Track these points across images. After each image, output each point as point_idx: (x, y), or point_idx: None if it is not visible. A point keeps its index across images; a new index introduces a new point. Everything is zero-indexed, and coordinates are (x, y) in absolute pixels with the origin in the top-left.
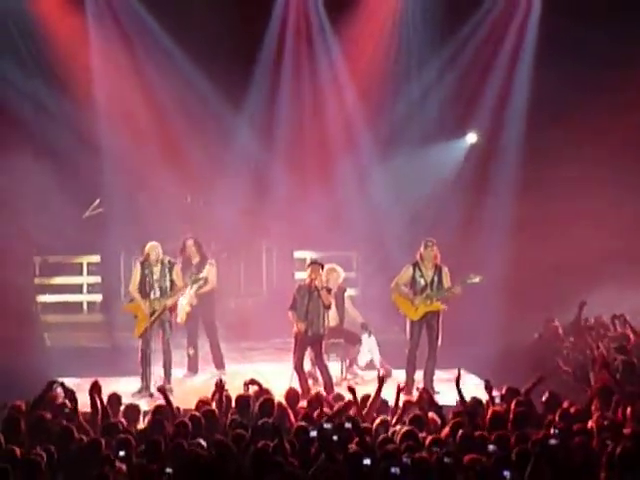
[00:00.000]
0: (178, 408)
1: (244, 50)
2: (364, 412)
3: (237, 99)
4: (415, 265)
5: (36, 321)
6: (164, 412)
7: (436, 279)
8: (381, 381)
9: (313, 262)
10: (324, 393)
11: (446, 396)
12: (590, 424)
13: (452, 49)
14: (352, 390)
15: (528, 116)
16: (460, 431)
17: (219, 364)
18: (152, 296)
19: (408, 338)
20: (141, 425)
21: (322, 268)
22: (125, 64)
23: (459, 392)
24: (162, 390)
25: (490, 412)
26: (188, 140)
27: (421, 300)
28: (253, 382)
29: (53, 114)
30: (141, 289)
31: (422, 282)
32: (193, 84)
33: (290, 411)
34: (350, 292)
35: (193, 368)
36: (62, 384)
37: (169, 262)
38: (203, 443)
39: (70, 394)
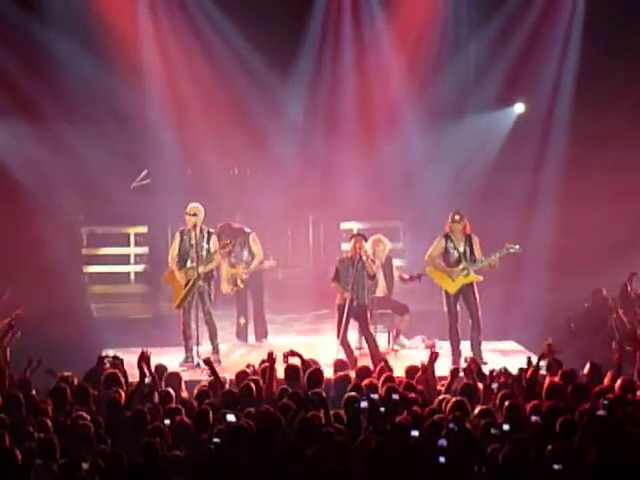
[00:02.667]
0: (225, 378)
1: (291, 21)
2: (413, 383)
3: (283, 70)
4: (447, 236)
5: (83, 292)
6: (212, 383)
7: (468, 249)
8: (433, 355)
9: (356, 234)
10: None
11: (494, 366)
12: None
13: (501, 19)
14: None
15: (577, 86)
16: (507, 402)
17: (261, 334)
18: (188, 265)
19: (446, 311)
20: (185, 394)
21: (365, 239)
22: (172, 37)
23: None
24: (208, 362)
25: (547, 383)
26: (234, 111)
27: (458, 272)
28: (293, 354)
29: (100, 88)
30: (179, 259)
31: (455, 254)
32: (239, 55)
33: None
34: (397, 263)
35: (243, 337)
36: (114, 357)
37: (207, 231)
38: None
39: (119, 364)
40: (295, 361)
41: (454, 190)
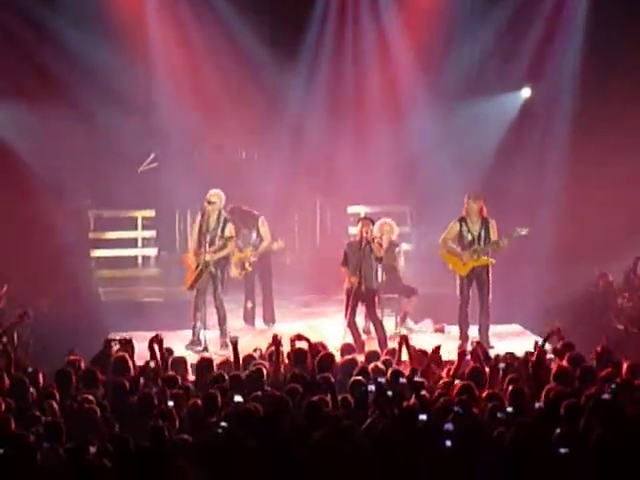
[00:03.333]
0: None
1: (293, 4)
2: (420, 366)
3: (290, 55)
4: (461, 220)
5: (91, 276)
6: (224, 366)
7: (483, 233)
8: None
9: (363, 217)
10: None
11: (501, 350)
12: None
13: (509, 3)
14: (404, 341)
15: (584, 70)
16: (511, 386)
17: (269, 318)
18: (203, 249)
19: (458, 294)
20: (191, 377)
21: (372, 223)
22: (176, 24)
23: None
24: (234, 343)
25: (555, 368)
26: (242, 96)
27: (469, 255)
28: (300, 337)
29: (107, 72)
30: (198, 242)
31: (469, 237)
32: (243, 40)
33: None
34: (405, 247)
35: (250, 321)
36: (123, 339)
37: (224, 219)
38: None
39: (128, 345)
40: (302, 345)
41: (461, 174)
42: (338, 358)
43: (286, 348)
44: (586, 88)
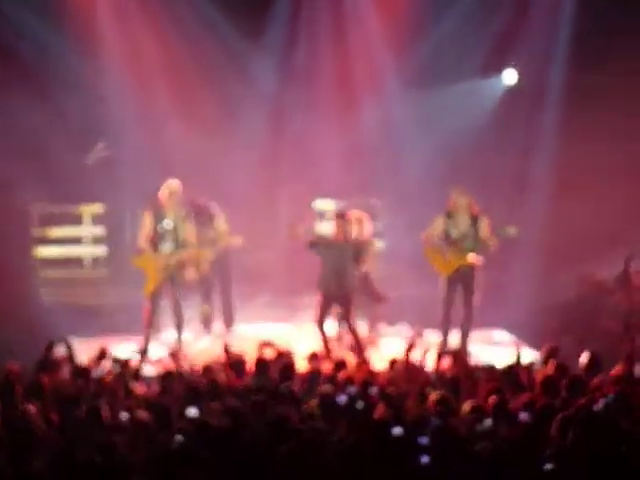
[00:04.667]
0: (188, 370)
1: None
2: (391, 376)
3: (254, 35)
4: (447, 215)
5: (33, 276)
6: (174, 377)
7: (472, 231)
8: (411, 343)
9: (340, 213)
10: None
11: (483, 358)
12: None
13: None
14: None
15: (571, 55)
16: (492, 397)
17: (228, 322)
18: (163, 249)
19: (441, 296)
20: (143, 388)
21: (346, 219)
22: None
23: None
24: (175, 354)
25: (540, 376)
26: (201, 80)
27: (453, 253)
28: (269, 344)
29: (55, 55)
30: (153, 241)
31: (455, 233)
32: (206, 18)
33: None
34: (377, 245)
35: (207, 326)
36: (67, 346)
37: (185, 213)
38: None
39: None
40: (268, 352)
41: (440, 164)
42: (305, 367)
43: (253, 354)
44: (575, 69)
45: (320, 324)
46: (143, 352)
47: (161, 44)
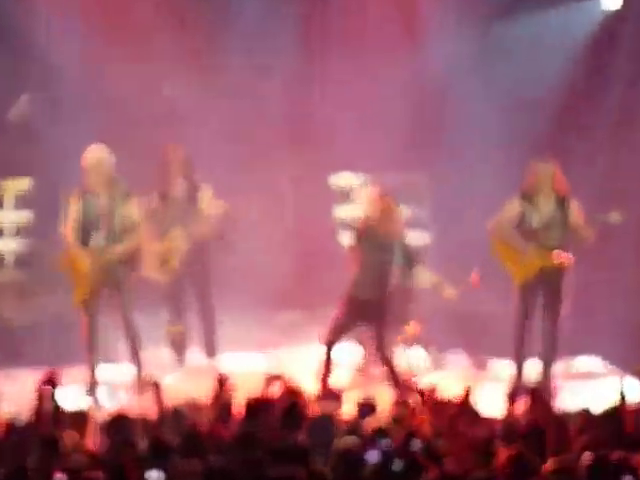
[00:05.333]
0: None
1: None
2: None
3: None
4: (525, 197)
5: None
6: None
7: (558, 216)
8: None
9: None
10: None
11: (570, 396)
12: None
13: None
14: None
15: None
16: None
17: (211, 349)
18: (95, 242)
19: (516, 309)
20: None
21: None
22: None
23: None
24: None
25: None
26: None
27: (534, 249)
28: (278, 378)
29: None
30: (81, 232)
31: (536, 221)
32: None
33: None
34: (417, 237)
35: (179, 351)
36: None
37: (124, 192)
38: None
39: None
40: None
41: (508, 129)
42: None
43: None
44: None
45: (327, 342)
46: (90, 388)
47: None
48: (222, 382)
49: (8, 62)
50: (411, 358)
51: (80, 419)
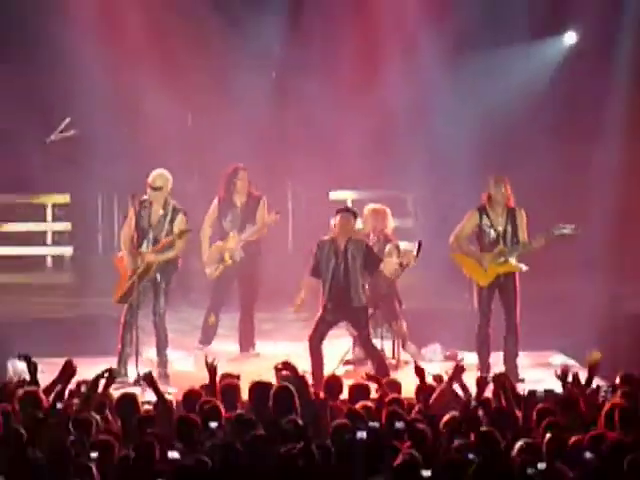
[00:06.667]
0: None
1: None
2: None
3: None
4: (481, 210)
5: None
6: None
7: (510, 228)
8: (458, 369)
9: (343, 208)
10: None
11: (534, 386)
12: None
13: None
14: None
15: None
16: (549, 434)
17: (247, 343)
18: (143, 247)
19: (476, 309)
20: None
21: (355, 216)
22: None
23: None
24: (149, 378)
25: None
26: (188, 43)
27: (492, 258)
28: (287, 366)
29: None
30: (136, 239)
31: (492, 233)
32: None
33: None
34: (404, 246)
35: (206, 341)
36: (26, 358)
37: (174, 208)
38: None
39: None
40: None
41: (481, 149)
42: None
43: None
44: None
45: (314, 343)
46: (119, 376)
47: (142, 4)
48: (212, 369)
49: (46, 84)
50: (394, 351)
51: (110, 402)
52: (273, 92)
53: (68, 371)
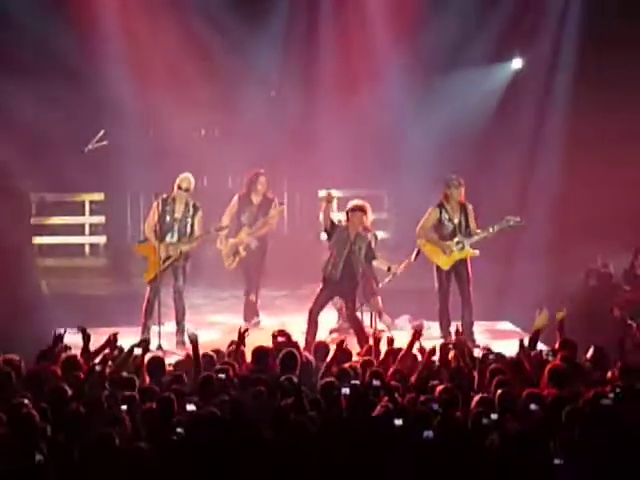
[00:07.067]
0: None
1: None
2: (392, 367)
3: (254, 22)
4: (441, 206)
5: (32, 266)
6: (181, 366)
7: (463, 221)
8: (416, 334)
9: (357, 207)
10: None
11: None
12: None
13: None
14: (377, 340)
15: (582, 41)
16: (500, 390)
17: (251, 314)
18: (168, 239)
19: (437, 288)
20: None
21: (365, 214)
22: None
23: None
24: (193, 340)
25: (548, 368)
26: (201, 68)
27: (453, 246)
28: (282, 333)
29: (54, 42)
30: (157, 229)
31: (450, 226)
32: (206, 6)
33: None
34: (382, 236)
35: (250, 316)
36: (83, 330)
37: (194, 205)
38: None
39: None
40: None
41: (445, 155)
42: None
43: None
44: (584, 58)
45: (314, 314)
46: (138, 344)
47: (159, 31)
48: (241, 335)
49: (82, 100)
50: (372, 322)
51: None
52: (272, 108)
53: (112, 342)
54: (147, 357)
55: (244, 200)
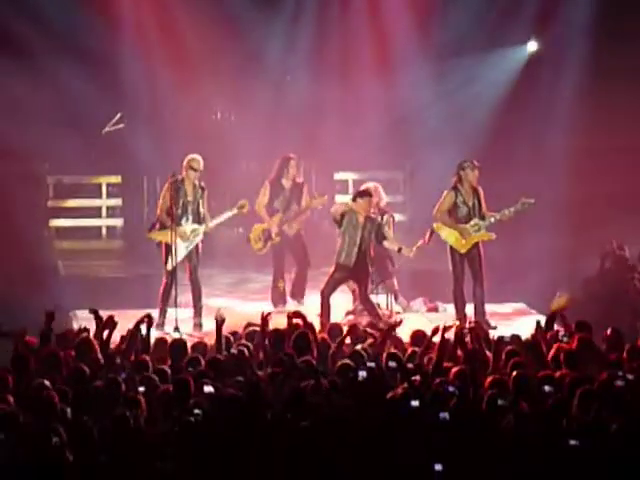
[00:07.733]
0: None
1: None
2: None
3: (270, 2)
4: (456, 189)
5: (49, 248)
6: (198, 348)
7: (476, 204)
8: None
9: (365, 193)
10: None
11: (503, 332)
12: None
13: None
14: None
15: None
16: (515, 372)
17: (279, 299)
18: (184, 223)
19: (451, 270)
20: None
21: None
22: None
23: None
24: (219, 318)
25: (554, 349)
26: (216, 53)
27: (471, 230)
28: (297, 315)
29: (67, 22)
30: (171, 212)
31: (465, 209)
32: None
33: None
34: (399, 218)
35: (280, 302)
36: (95, 312)
37: (201, 186)
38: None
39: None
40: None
41: (460, 137)
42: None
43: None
44: (598, 41)
45: (327, 295)
46: (159, 325)
47: (175, 18)
48: (264, 318)
49: (99, 84)
50: (387, 304)
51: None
52: (287, 91)
53: (110, 323)
54: (169, 339)
55: (275, 185)
